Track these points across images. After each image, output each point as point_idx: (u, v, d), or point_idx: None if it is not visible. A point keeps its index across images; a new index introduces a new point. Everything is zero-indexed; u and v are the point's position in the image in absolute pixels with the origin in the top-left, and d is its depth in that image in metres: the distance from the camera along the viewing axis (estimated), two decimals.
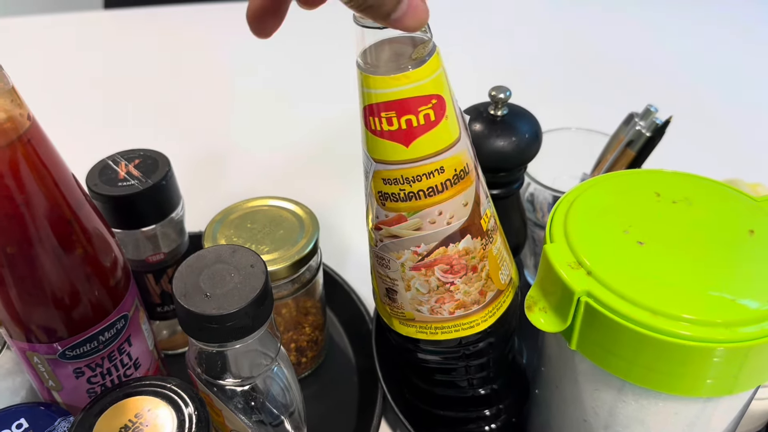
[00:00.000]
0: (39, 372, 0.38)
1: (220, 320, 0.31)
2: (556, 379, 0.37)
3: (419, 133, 0.31)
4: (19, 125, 0.31)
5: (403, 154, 0.31)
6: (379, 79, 0.30)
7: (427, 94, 0.30)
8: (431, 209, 0.32)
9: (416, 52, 0.30)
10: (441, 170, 0.32)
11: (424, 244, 0.33)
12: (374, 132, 0.31)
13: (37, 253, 0.33)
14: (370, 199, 0.34)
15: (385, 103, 0.30)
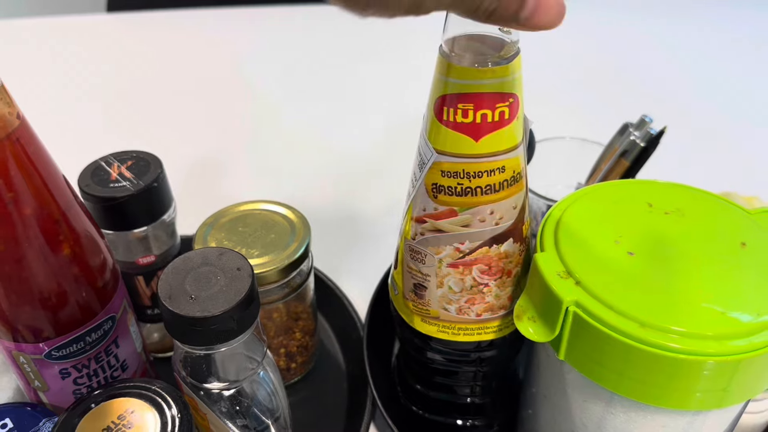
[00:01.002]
0: (25, 372, 0.38)
1: (204, 323, 0.31)
2: (545, 390, 0.37)
3: (491, 130, 0.31)
4: (7, 124, 0.31)
5: (471, 148, 0.31)
6: (463, 70, 0.30)
7: (506, 91, 0.30)
8: (484, 207, 0.32)
9: (505, 51, 0.30)
10: (502, 170, 0.32)
11: (468, 241, 0.33)
12: (445, 122, 0.31)
13: (24, 252, 0.33)
14: (419, 190, 0.34)
15: (464, 94, 0.30)
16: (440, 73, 0.31)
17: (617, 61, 0.91)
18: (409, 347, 0.40)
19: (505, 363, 0.40)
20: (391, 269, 0.40)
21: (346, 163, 0.74)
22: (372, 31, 1.01)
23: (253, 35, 1.00)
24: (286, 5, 1.04)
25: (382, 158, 0.75)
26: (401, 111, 0.82)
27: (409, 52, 0.96)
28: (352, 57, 0.95)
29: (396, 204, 0.65)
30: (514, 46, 0.30)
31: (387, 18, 0.23)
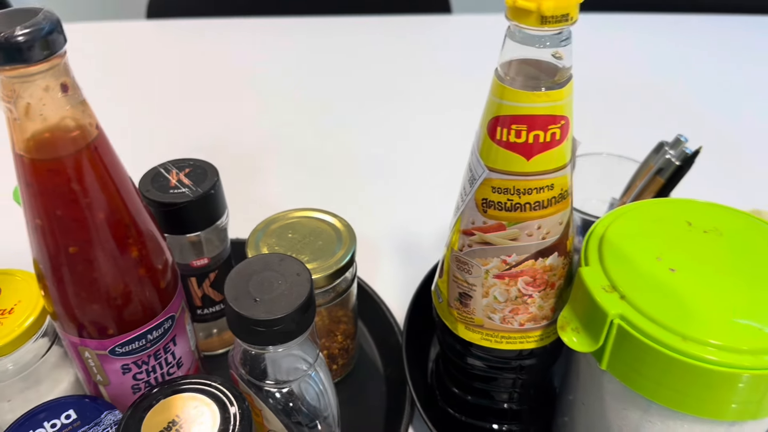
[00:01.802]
0: (88, 366, 0.40)
1: (268, 324, 0.33)
2: (583, 398, 0.38)
3: (542, 150, 0.33)
4: (87, 134, 0.33)
5: (522, 167, 0.33)
6: (518, 93, 0.32)
7: (558, 114, 0.32)
8: (532, 222, 0.34)
9: (558, 76, 0.32)
10: (551, 187, 0.34)
11: (515, 254, 0.35)
12: (498, 141, 0.33)
13: (96, 254, 0.35)
14: (469, 204, 0.36)
15: (517, 116, 0.32)
16: (495, 95, 0.33)
17: (654, 80, 0.93)
18: (451, 353, 0.42)
19: (543, 371, 0.42)
20: (436, 278, 0.42)
21: (384, 167, 0.76)
22: (420, 38, 1.03)
23: (295, 44, 1.02)
24: (327, 16, 1.07)
25: (421, 168, 0.77)
26: (444, 122, 0.85)
27: (451, 63, 0.98)
28: (398, 66, 0.97)
29: (433, 213, 0.68)
30: (567, 71, 0.32)
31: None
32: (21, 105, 0.31)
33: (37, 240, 0.35)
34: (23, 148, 0.32)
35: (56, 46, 0.30)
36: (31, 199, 0.33)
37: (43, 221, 0.34)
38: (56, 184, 0.33)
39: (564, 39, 0.31)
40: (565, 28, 0.30)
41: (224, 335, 0.53)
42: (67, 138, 0.32)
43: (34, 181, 0.33)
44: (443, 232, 0.67)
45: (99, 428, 0.38)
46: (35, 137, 0.32)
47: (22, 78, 0.30)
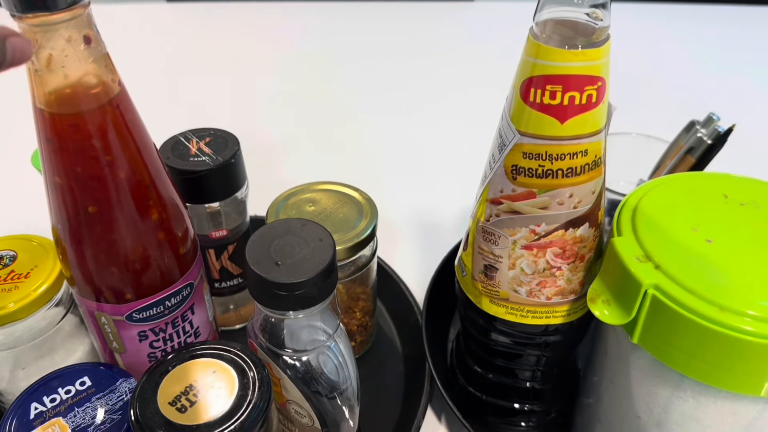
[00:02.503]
0: (104, 333, 0.39)
1: (289, 288, 0.32)
2: (611, 375, 0.37)
3: (577, 112, 0.31)
4: (109, 90, 0.32)
5: (556, 130, 0.32)
6: (553, 51, 0.30)
7: (595, 74, 0.31)
8: (564, 190, 0.33)
9: (596, 35, 0.31)
10: (584, 153, 0.32)
11: (545, 224, 0.34)
12: (530, 103, 0.32)
13: (115, 215, 0.34)
14: (497, 172, 0.35)
15: (553, 76, 0.31)
16: (529, 54, 0.32)
17: (682, 60, 0.92)
18: (473, 328, 0.41)
19: (568, 349, 0.41)
20: (460, 252, 0.41)
21: (405, 151, 0.76)
22: (442, 25, 1.02)
23: (316, 27, 1.02)
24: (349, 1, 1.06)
25: (441, 151, 0.76)
26: (465, 107, 0.84)
27: (473, 50, 0.97)
28: (419, 52, 0.96)
29: (452, 196, 0.67)
30: (604, 31, 0.31)
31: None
32: (43, 56, 0.30)
33: (56, 199, 0.34)
34: (44, 101, 0.31)
35: None
36: (51, 156, 0.33)
37: (62, 179, 0.33)
38: (76, 140, 0.32)
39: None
40: None
41: (242, 310, 0.52)
42: (88, 92, 0.32)
43: (54, 137, 0.32)
44: (463, 215, 0.66)
45: (114, 395, 0.37)
46: (56, 91, 0.31)
47: (45, 27, 0.29)
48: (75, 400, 0.37)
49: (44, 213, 0.37)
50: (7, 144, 0.74)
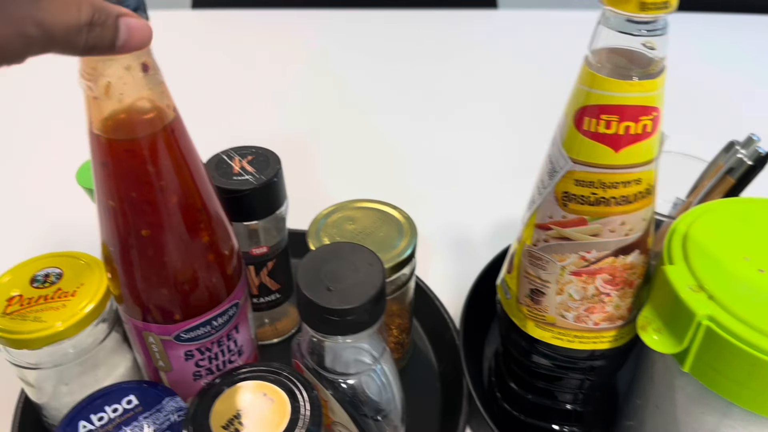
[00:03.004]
0: (151, 351, 0.40)
1: (341, 313, 0.33)
2: (657, 401, 0.37)
3: (632, 141, 0.31)
4: (164, 116, 0.33)
5: (610, 159, 0.32)
6: (611, 81, 0.31)
7: (651, 105, 0.31)
8: (615, 218, 0.33)
9: (652, 66, 0.31)
10: (638, 182, 0.32)
11: (595, 250, 0.34)
12: (584, 132, 0.32)
13: (168, 238, 0.35)
14: (547, 198, 0.35)
15: (608, 106, 0.31)
16: (583, 83, 0.32)
17: (721, 79, 0.91)
18: (515, 350, 0.41)
19: (612, 373, 0.41)
20: (503, 272, 0.41)
21: (435, 163, 0.76)
22: (465, 33, 1.02)
23: (342, 36, 1.02)
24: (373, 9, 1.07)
25: (471, 164, 0.76)
26: (493, 119, 0.84)
27: (497, 59, 0.97)
28: (444, 61, 0.96)
29: (483, 210, 0.67)
30: (661, 62, 0.31)
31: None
32: (101, 83, 0.30)
33: (109, 222, 0.35)
34: (101, 127, 0.32)
35: None
36: (106, 180, 0.33)
37: (116, 203, 0.34)
38: (132, 165, 0.32)
39: (660, 27, 0.30)
40: (662, 16, 0.29)
41: (278, 325, 0.52)
42: (145, 119, 0.32)
43: (109, 162, 0.33)
44: (494, 229, 0.66)
45: (161, 414, 0.37)
46: (113, 117, 0.32)
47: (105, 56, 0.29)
48: (123, 418, 0.37)
49: (90, 230, 0.37)
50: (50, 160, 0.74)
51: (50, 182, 0.70)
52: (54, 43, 0.23)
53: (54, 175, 0.67)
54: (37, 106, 0.85)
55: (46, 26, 0.23)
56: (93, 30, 0.24)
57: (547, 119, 0.81)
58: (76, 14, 0.24)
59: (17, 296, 0.40)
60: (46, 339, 0.38)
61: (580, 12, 1.05)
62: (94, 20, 0.24)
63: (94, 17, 0.24)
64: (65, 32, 0.24)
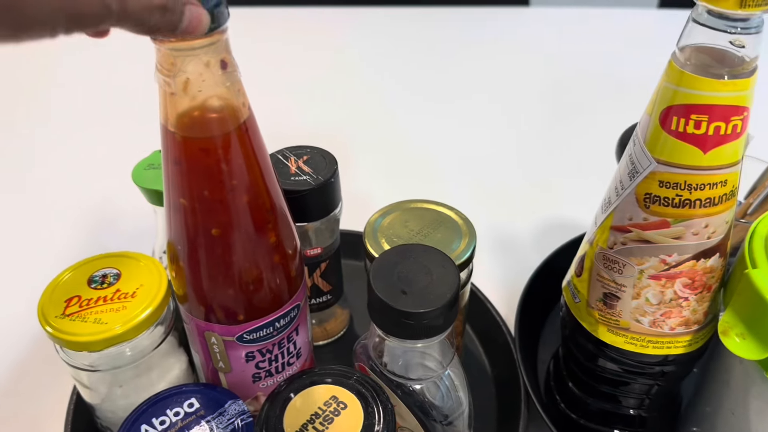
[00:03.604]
0: (212, 352, 0.39)
1: (417, 317, 0.32)
2: (733, 405, 0.36)
3: (721, 142, 0.31)
4: (240, 114, 0.32)
5: (698, 160, 0.31)
6: (702, 80, 0.30)
7: (742, 105, 0.30)
8: (700, 220, 0.32)
9: (746, 65, 0.30)
10: (724, 183, 0.32)
11: (677, 254, 0.33)
12: (671, 132, 0.31)
13: (237, 238, 0.34)
14: (627, 199, 0.34)
15: (699, 105, 0.30)
16: (671, 81, 0.31)
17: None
18: (581, 354, 0.40)
19: (681, 378, 0.40)
20: (570, 275, 0.40)
21: (483, 167, 0.75)
22: (497, 31, 1.01)
23: (373, 34, 1.01)
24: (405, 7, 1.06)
25: (515, 165, 0.75)
26: (531, 119, 0.83)
27: (528, 57, 0.96)
28: (476, 59, 0.95)
29: (527, 211, 0.66)
30: (754, 60, 0.30)
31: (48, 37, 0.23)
32: (180, 79, 0.30)
33: (178, 220, 0.34)
34: (176, 124, 0.31)
35: (222, 19, 0.29)
36: (178, 178, 0.33)
37: (187, 201, 0.33)
38: (207, 163, 0.32)
39: (755, 26, 0.29)
40: (759, 13, 0.28)
41: (327, 326, 0.52)
42: (221, 116, 0.31)
43: (183, 160, 0.32)
44: (540, 230, 0.65)
45: (224, 418, 0.37)
46: (189, 114, 0.31)
47: (186, 51, 0.29)
48: (185, 422, 0.36)
49: (141, 229, 0.36)
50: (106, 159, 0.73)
51: (106, 182, 0.70)
52: (127, 18, 0.25)
53: (109, 176, 0.66)
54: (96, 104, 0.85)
55: (125, 2, 0.24)
56: (164, 13, 0.26)
57: (591, 118, 0.81)
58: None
59: (76, 297, 0.39)
60: (105, 342, 0.38)
61: (612, 9, 1.04)
62: (168, 5, 0.26)
63: (168, 2, 0.26)
64: (140, 11, 0.25)
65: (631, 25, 1.00)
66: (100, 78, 0.85)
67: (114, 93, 0.83)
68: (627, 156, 0.34)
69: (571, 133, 0.79)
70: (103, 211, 0.66)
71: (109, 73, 0.88)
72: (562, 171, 0.73)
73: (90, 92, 0.87)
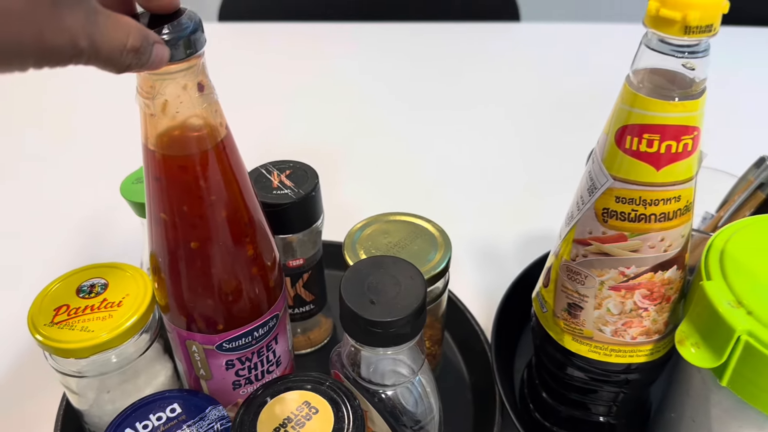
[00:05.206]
0: (193, 360, 0.40)
1: (385, 326, 0.33)
2: (693, 413, 0.38)
3: (674, 160, 0.32)
4: (217, 134, 0.34)
5: (651, 177, 0.33)
6: (653, 102, 0.31)
7: (692, 125, 0.32)
8: (656, 234, 0.34)
9: (695, 87, 0.32)
10: (678, 199, 0.33)
11: (635, 266, 0.35)
12: (626, 150, 0.33)
13: (215, 250, 0.36)
14: (586, 213, 0.35)
15: (651, 125, 0.32)
16: (625, 102, 0.33)
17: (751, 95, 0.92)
18: (551, 363, 0.42)
19: (646, 386, 0.42)
20: (539, 286, 0.42)
21: (460, 180, 0.76)
22: (488, 46, 1.03)
23: (365, 50, 1.03)
24: (395, 22, 1.08)
25: (498, 177, 0.77)
26: (518, 132, 0.84)
27: (520, 72, 0.97)
28: (466, 73, 0.97)
29: (509, 222, 0.68)
30: (702, 82, 0.31)
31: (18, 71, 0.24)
32: (159, 101, 0.31)
33: (159, 234, 0.36)
34: (155, 143, 0.33)
35: (198, 45, 0.31)
36: (159, 194, 0.34)
37: (167, 215, 0.35)
38: (185, 180, 0.34)
39: (702, 50, 0.31)
40: (705, 39, 0.30)
41: (311, 335, 0.53)
42: (198, 135, 0.33)
43: (163, 176, 0.34)
44: (521, 241, 0.67)
45: (204, 423, 0.38)
46: (168, 133, 0.33)
47: (164, 75, 0.31)
48: (167, 426, 0.38)
49: (129, 241, 0.38)
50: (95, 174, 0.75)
51: (95, 195, 0.72)
52: (98, 58, 0.26)
53: (99, 188, 0.68)
54: (86, 121, 0.87)
55: (96, 43, 0.25)
56: (136, 54, 0.27)
57: (571, 132, 0.82)
58: (125, 39, 0.26)
59: (65, 306, 0.41)
60: (91, 349, 0.39)
61: (602, 25, 1.06)
62: (140, 48, 0.27)
63: (141, 46, 0.27)
64: (110, 52, 0.26)
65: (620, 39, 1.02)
66: (93, 92, 0.87)
67: (106, 110, 0.85)
68: (587, 173, 0.36)
69: (555, 146, 0.81)
70: (93, 223, 0.68)
71: (102, 87, 0.90)
72: (546, 183, 0.75)
73: (83, 108, 0.89)
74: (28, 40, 0.23)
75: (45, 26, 0.23)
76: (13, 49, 0.23)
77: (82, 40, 0.25)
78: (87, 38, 0.25)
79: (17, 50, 0.23)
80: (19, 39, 0.23)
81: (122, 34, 0.26)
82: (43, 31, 0.23)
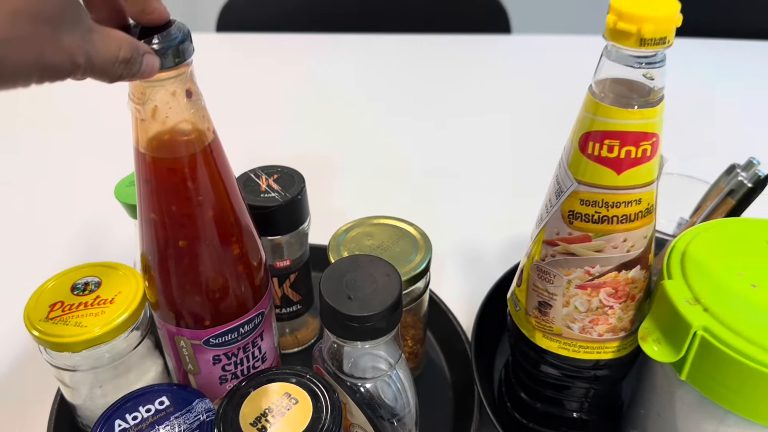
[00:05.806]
0: (182, 355, 0.42)
1: (361, 320, 0.35)
2: (659, 409, 0.39)
3: (633, 165, 0.34)
4: (204, 138, 0.36)
5: (613, 181, 0.35)
6: (612, 109, 0.33)
7: (651, 131, 0.34)
8: (618, 235, 0.36)
9: (652, 95, 0.34)
10: (638, 202, 0.35)
11: (599, 265, 0.37)
12: (588, 155, 0.35)
13: (203, 249, 0.38)
14: (554, 215, 0.37)
15: (611, 132, 0.34)
16: (588, 110, 0.35)
17: (726, 102, 0.94)
18: (524, 361, 0.44)
19: (615, 382, 0.43)
20: (513, 286, 0.44)
21: (448, 185, 0.78)
22: (479, 58, 1.05)
23: (359, 60, 1.06)
24: (389, 34, 1.10)
25: (484, 182, 0.79)
26: (505, 141, 0.86)
27: (510, 83, 1.00)
28: (457, 85, 0.99)
29: (494, 226, 0.70)
30: (660, 91, 0.33)
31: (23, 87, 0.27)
32: (149, 107, 0.33)
33: (149, 233, 0.38)
34: (146, 146, 0.35)
35: (186, 54, 0.33)
36: (149, 195, 0.36)
37: (157, 216, 0.37)
38: (173, 182, 0.35)
39: (659, 60, 0.33)
40: (661, 51, 0.32)
41: (298, 334, 0.55)
42: (186, 139, 0.35)
43: (152, 178, 0.36)
44: (505, 245, 0.69)
45: (191, 415, 0.40)
46: (158, 137, 0.35)
47: (154, 82, 0.33)
48: (155, 418, 0.40)
49: (122, 241, 0.40)
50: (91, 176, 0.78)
51: (90, 197, 0.74)
52: (93, 71, 0.28)
53: (94, 191, 0.70)
54: (82, 125, 0.89)
55: (91, 58, 0.28)
56: (127, 65, 0.30)
57: (557, 140, 0.84)
58: (117, 52, 0.29)
59: (59, 303, 0.43)
60: (84, 343, 0.41)
61: (590, 37, 1.08)
62: (131, 59, 0.30)
63: (132, 57, 0.29)
64: (104, 65, 0.29)
65: None
66: (89, 98, 0.89)
67: (101, 116, 0.88)
68: (554, 177, 0.38)
69: (543, 155, 0.83)
70: (88, 225, 0.70)
71: (98, 94, 0.92)
72: (530, 190, 0.76)
73: (79, 113, 0.91)
74: (31, 61, 0.26)
75: (46, 48, 0.26)
76: (18, 69, 0.25)
77: (79, 57, 0.27)
78: (83, 55, 0.27)
79: (22, 71, 0.26)
80: (24, 61, 0.25)
81: (114, 47, 0.29)
82: (45, 52, 0.26)
